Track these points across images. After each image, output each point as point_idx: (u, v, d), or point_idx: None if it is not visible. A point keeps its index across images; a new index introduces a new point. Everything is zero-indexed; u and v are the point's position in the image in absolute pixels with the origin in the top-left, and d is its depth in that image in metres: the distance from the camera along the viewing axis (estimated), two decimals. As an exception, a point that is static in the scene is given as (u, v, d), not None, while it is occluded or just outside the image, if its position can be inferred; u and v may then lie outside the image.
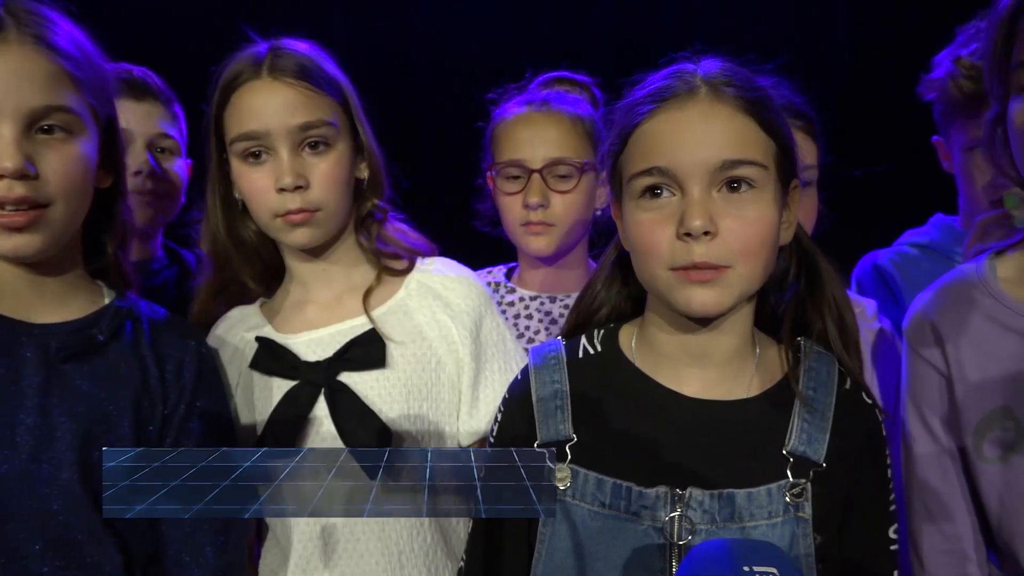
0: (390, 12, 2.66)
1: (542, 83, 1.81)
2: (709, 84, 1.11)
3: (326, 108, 1.34)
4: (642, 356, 1.20)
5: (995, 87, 1.21)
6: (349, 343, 1.35)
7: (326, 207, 1.35)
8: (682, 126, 1.10)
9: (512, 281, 1.83)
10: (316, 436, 1.33)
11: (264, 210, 1.35)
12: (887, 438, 1.19)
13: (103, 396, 1.21)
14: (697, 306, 1.09)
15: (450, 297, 1.40)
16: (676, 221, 1.08)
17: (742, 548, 0.99)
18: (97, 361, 1.22)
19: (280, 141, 1.32)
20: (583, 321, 1.28)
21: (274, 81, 1.32)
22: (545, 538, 1.16)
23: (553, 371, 1.21)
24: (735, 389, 1.16)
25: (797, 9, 2.84)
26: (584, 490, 1.14)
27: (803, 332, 1.22)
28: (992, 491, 1.23)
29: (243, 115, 1.33)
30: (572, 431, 1.17)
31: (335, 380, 1.34)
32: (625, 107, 1.16)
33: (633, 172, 1.12)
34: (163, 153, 1.80)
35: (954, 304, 1.27)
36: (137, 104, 1.77)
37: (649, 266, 1.11)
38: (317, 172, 1.33)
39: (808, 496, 1.11)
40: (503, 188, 1.72)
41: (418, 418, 1.35)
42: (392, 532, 1.34)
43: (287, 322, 1.41)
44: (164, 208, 1.80)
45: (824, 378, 1.17)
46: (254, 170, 1.34)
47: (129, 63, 1.81)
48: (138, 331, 1.27)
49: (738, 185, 1.08)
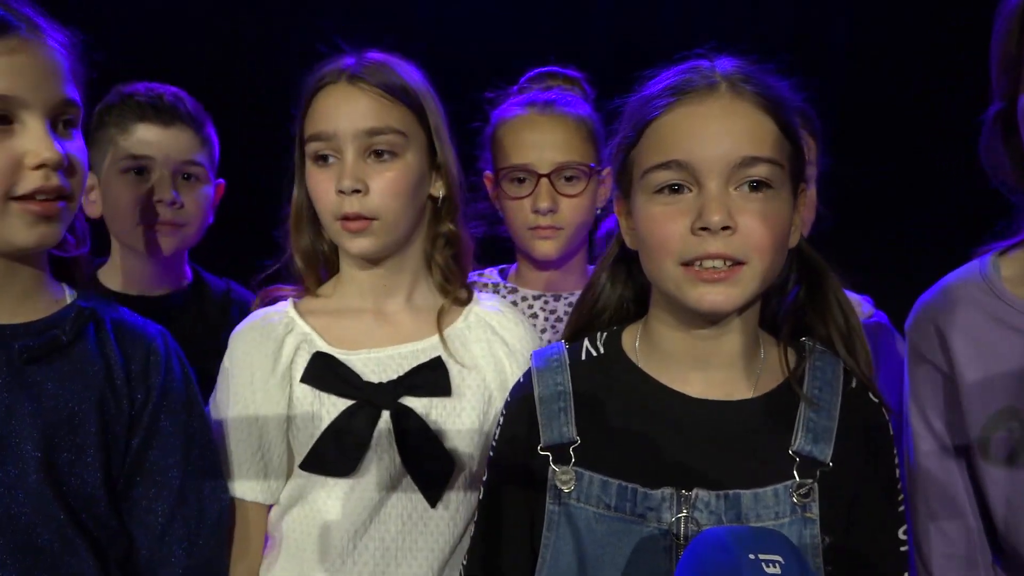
0: (389, 12, 2.66)
1: (533, 79, 1.80)
2: (728, 80, 1.10)
3: (398, 117, 1.34)
4: (646, 357, 1.19)
5: (1002, 84, 1.20)
6: (417, 367, 1.35)
7: (384, 217, 1.34)
8: (702, 120, 1.09)
9: (511, 281, 1.82)
10: (373, 458, 1.31)
11: (325, 211, 1.35)
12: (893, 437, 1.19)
13: (68, 397, 1.20)
14: (708, 304, 1.08)
15: (506, 336, 1.41)
16: (692, 215, 1.07)
17: (747, 536, 0.99)
18: (61, 361, 1.21)
19: (347, 144, 1.32)
20: (585, 324, 1.27)
21: (350, 86, 1.34)
22: (549, 542, 1.15)
23: (556, 373, 1.20)
24: (740, 389, 1.16)
25: (796, 8, 2.84)
26: (589, 492, 1.14)
27: (805, 334, 1.21)
28: (997, 492, 1.22)
29: (317, 116, 1.35)
30: (576, 433, 1.16)
31: (400, 404, 1.32)
32: (640, 100, 1.15)
33: (649, 165, 1.10)
34: (188, 180, 1.76)
35: (957, 304, 1.27)
36: (164, 130, 1.73)
37: (659, 261, 1.10)
38: (379, 179, 1.33)
39: (815, 496, 1.10)
40: (509, 192, 1.72)
41: (475, 449, 1.35)
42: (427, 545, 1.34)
43: (341, 335, 1.38)
44: (184, 237, 1.77)
45: (829, 377, 1.17)
46: (321, 171, 1.35)
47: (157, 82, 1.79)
48: (102, 331, 1.26)
49: (757, 185, 1.08)
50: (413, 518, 1.33)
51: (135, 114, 1.73)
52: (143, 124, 1.72)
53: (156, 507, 1.24)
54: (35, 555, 1.16)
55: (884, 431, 1.18)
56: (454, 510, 1.34)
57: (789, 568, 0.93)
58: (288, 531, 1.35)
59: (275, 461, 1.35)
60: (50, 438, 1.17)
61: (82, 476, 1.19)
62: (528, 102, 1.72)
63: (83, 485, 1.19)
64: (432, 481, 1.32)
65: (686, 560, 0.98)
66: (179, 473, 1.26)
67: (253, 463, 1.34)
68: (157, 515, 1.24)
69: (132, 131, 1.72)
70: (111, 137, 1.73)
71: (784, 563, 0.93)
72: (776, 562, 0.93)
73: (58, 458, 1.18)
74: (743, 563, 0.93)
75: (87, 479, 1.19)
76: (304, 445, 1.32)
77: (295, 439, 1.34)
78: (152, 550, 1.24)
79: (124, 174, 1.73)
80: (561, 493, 1.15)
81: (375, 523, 1.32)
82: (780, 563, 0.93)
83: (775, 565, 0.93)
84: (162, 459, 1.25)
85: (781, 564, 0.93)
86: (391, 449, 1.31)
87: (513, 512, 1.21)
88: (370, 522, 1.32)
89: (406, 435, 1.31)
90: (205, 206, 1.79)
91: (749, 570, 0.93)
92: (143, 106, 1.73)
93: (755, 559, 0.93)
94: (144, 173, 1.73)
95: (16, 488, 1.15)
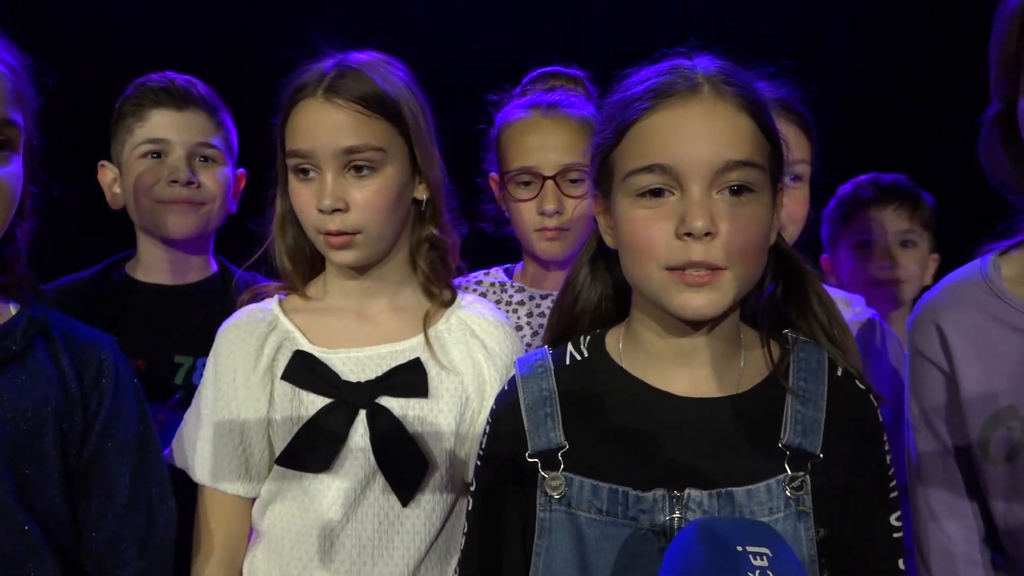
0: (389, 12, 2.66)
1: (536, 79, 1.81)
2: (710, 82, 1.09)
3: (377, 132, 1.33)
4: (630, 359, 1.19)
5: (1000, 85, 1.20)
6: (394, 368, 1.35)
7: (366, 231, 1.34)
8: (684, 123, 1.08)
9: (517, 280, 1.83)
10: (348, 456, 1.33)
11: (308, 225, 1.36)
12: (885, 427, 1.18)
13: (25, 407, 1.21)
14: (691, 311, 1.08)
15: (486, 339, 1.41)
16: (675, 220, 1.06)
17: (734, 528, 0.98)
18: (16, 372, 1.23)
19: (325, 162, 1.32)
20: (567, 325, 1.26)
21: (326, 102, 1.32)
22: (542, 550, 1.14)
23: (541, 379, 1.20)
24: (725, 386, 1.15)
25: (796, 8, 2.84)
26: (580, 497, 1.13)
27: (786, 326, 1.21)
28: (997, 492, 1.22)
29: (295, 132, 1.34)
30: (564, 438, 1.15)
31: (376, 404, 1.33)
32: (621, 101, 1.13)
33: (631, 168, 1.10)
34: (204, 162, 1.78)
35: (958, 303, 1.27)
36: (178, 113, 1.76)
37: (643, 265, 1.10)
38: (359, 195, 1.33)
39: (808, 489, 1.10)
40: (515, 194, 1.73)
41: (449, 450, 1.36)
42: (403, 544, 1.34)
43: (323, 334, 1.39)
44: (203, 217, 1.78)
45: (814, 368, 1.16)
46: (302, 185, 1.35)
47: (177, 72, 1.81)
48: (52, 341, 1.27)
49: (738, 189, 1.07)
50: (390, 517, 1.34)
51: (150, 100, 1.76)
52: (157, 109, 1.75)
53: (108, 512, 1.27)
54: (1, 567, 1.17)
55: (873, 418, 1.17)
56: (430, 510, 1.35)
57: (776, 560, 0.92)
58: (269, 527, 1.37)
59: (256, 456, 1.37)
60: (12, 448, 1.18)
61: (45, 486, 1.21)
62: (531, 104, 1.73)
63: (46, 494, 1.21)
64: (405, 481, 1.33)
65: (673, 551, 0.97)
66: (129, 480, 1.29)
67: (235, 458, 1.36)
68: (108, 520, 1.27)
69: (147, 117, 1.75)
70: (129, 126, 1.76)
71: (771, 555, 0.92)
72: (763, 554, 0.92)
73: (23, 471, 1.19)
74: (730, 555, 0.92)
75: (48, 488, 1.21)
76: (283, 441, 1.34)
77: (275, 435, 1.36)
78: (103, 556, 1.27)
79: (143, 159, 1.76)
80: (552, 499, 1.13)
81: (352, 521, 1.33)
82: (768, 555, 0.92)
83: (762, 558, 0.92)
84: (113, 466, 1.28)
85: (768, 556, 0.92)
86: (367, 448, 1.32)
87: (504, 521, 1.19)
88: (347, 521, 1.33)
89: (381, 435, 1.32)
90: (225, 185, 1.81)
91: (736, 562, 0.91)
92: (157, 91, 1.76)
93: (743, 551, 0.92)
94: (161, 156, 1.76)
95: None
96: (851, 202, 2.21)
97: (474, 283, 1.83)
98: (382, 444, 1.32)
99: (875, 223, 2.17)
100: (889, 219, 2.17)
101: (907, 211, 2.17)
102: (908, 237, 2.17)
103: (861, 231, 2.19)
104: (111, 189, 1.81)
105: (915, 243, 2.18)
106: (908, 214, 2.17)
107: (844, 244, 2.22)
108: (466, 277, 1.80)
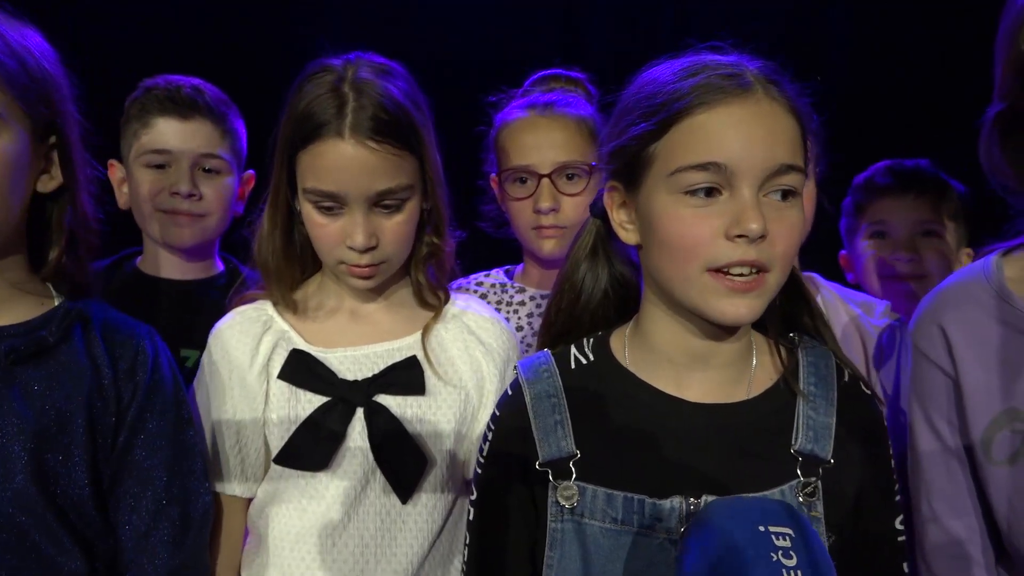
0: (389, 12, 2.66)
1: (536, 81, 1.82)
2: (760, 82, 1.07)
3: (406, 168, 1.32)
4: (638, 362, 1.17)
5: (1006, 83, 1.19)
6: (391, 366, 1.36)
7: (392, 260, 1.36)
8: (742, 122, 1.05)
9: (517, 281, 1.84)
10: (347, 454, 1.33)
11: (330, 256, 1.35)
12: (889, 431, 1.18)
13: (55, 397, 1.21)
14: (732, 316, 1.06)
15: (483, 336, 1.41)
16: (724, 220, 1.03)
17: (755, 507, 0.97)
18: (48, 362, 1.22)
19: (356, 204, 1.30)
20: (566, 328, 1.24)
21: (356, 144, 1.27)
22: (553, 562, 1.12)
23: (547, 384, 1.17)
24: (736, 391, 1.14)
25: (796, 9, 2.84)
26: (593, 507, 1.10)
27: (791, 329, 1.21)
28: (1000, 494, 1.22)
29: (320, 172, 1.29)
30: (575, 446, 1.13)
31: (373, 401, 1.33)
32: (661, 93, 1.08)
33: (682, 165, 1.05)
34: (208, 173, 1.77)
35: (960, 305, 1.26)
36: (183, 123, 1.74)
37: (683, 265, 1.06)
38: (388, 230, 1.33)
39: (819, 495, 1.10)
40: (512, 193, 1.74)
41: (449, 447, 1.36)
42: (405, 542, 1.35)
43: (319, 333, 1.39)
44: (203, 229, 1.79)
45: (823, 373, 1.16)
46: (326, 219, 1.32)
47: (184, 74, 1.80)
48: (90, 331, 1.27)
49: (785, 194, 1.06)
50: (392, 516, 1.34)
51: (155, 108, 1.75)
52: (163, 118, 1.75)
53: (141, 506, 1.26)
54: (24, 554, 1.17)
55: (879, 423, 1.17)
56: (431, 508, 1.35)
57: (798, 542, 0.91)
58: (268, 529, 1.37)
59: (252, 456, 1.37)
60: (38, 438, 1.18)
61: (70, 476, 1.20)
62: (528, 104, 1.74)
63: (71, 485, 1.20)
64: (404, 479, 1.33)
65: (694, 532, 0.96)
66: (164, 473, 1.27)
67: (231, 457, 1.37)
68: (142, 514, 1.26)
69: (152, 125, 1.75)
70: (135, 131, 1.76)
71: (793, 536, 0.91)
72: (786, 535, 0.91)
73: (46, 459, 1.18)
74: (754, 536, 0.91)
75: (75, 479, 1.20)
76: (280, 440, 1.34)
77: (272, 435, 1.36)
78: (137, 550, 1.25)
79: (146, 168, 1.76)
80: (564, 509, 1.11)
81: (354, 521, 1.33)
82: (790, 536, 0.91)
83: (785, 538, 0.91)
84: (147, 459, 1.26)
85: (791, 537, 0.91)
86: (365, 447, 1.32)
87: (510, 533, 1.17)
88: (348, 520, 1.33)
89: (379, 433, 1.32)
90: (227, 198, 1.80)
91: (759, 543, 0.91)
92: (162, 100, 1.75)
93: (765, 531, 0.91)
94: (164, 167, 1.75)
95: (3, 488, 1.16)
96: (865, 189, 2.05)
97: (474, 284, 1.84)
98: (380, 442, 1.32)
99: (891, 212, 1.99)
100: (908, 208, 1.98)
101: (929, 200, 1.97)
102: (931, 228, 1.97)
103: (876, 220, 2.02)
104: (120, 188, 1.82)
105: (939, 234, 1.97)
106: (931, 203, 1.97)
107: (859, 235, 2.06)
108: (466, 279, 1.82)
